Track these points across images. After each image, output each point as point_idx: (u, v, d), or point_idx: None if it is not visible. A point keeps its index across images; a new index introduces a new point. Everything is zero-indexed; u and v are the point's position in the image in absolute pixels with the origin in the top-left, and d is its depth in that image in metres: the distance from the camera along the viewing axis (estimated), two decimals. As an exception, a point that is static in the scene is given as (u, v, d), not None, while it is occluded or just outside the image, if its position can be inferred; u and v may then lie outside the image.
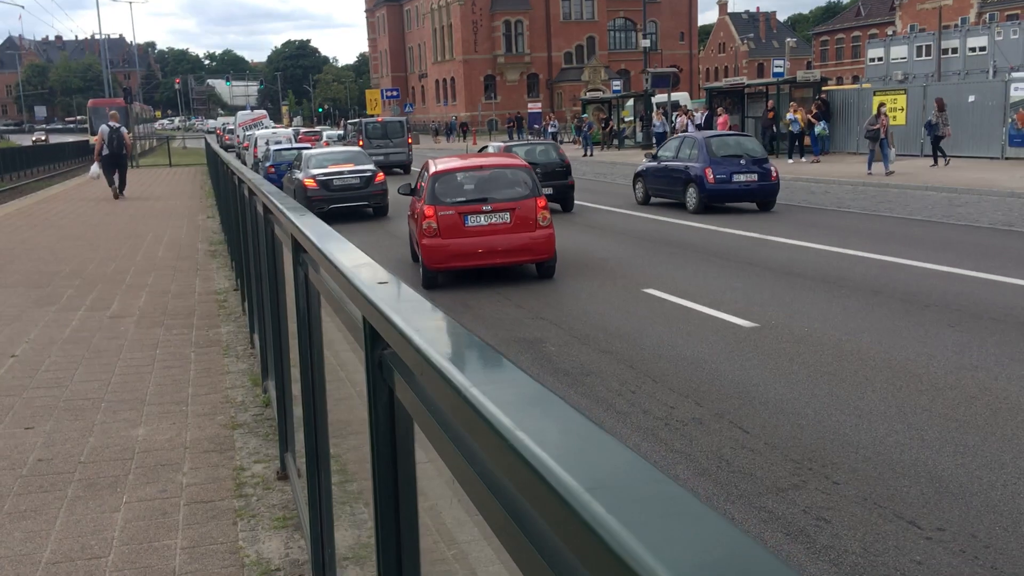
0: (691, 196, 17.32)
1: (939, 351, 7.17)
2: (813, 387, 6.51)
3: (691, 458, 5.34)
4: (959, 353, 7.09)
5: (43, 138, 79.39)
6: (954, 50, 51.08)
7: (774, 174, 17.05)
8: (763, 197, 17.19)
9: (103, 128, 22.34)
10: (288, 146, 28.27)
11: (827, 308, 8.83)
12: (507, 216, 10.91)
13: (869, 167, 22.27)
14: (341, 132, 47.34)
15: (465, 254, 10.87)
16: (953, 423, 5.68)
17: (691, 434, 5.72)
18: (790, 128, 27.29)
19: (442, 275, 11.26)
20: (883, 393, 6.31)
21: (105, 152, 21.88)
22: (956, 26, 57.66)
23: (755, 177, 16.90)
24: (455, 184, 11.18)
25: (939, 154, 23.27)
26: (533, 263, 11.28)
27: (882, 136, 21.85)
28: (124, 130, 23.01)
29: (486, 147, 20.10)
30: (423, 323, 1.31)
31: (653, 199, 19.25)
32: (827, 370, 6.89)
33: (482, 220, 10.88)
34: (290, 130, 41.89)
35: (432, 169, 11.45)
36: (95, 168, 22.53)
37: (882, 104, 23.94)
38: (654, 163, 19.16)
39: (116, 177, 22.23)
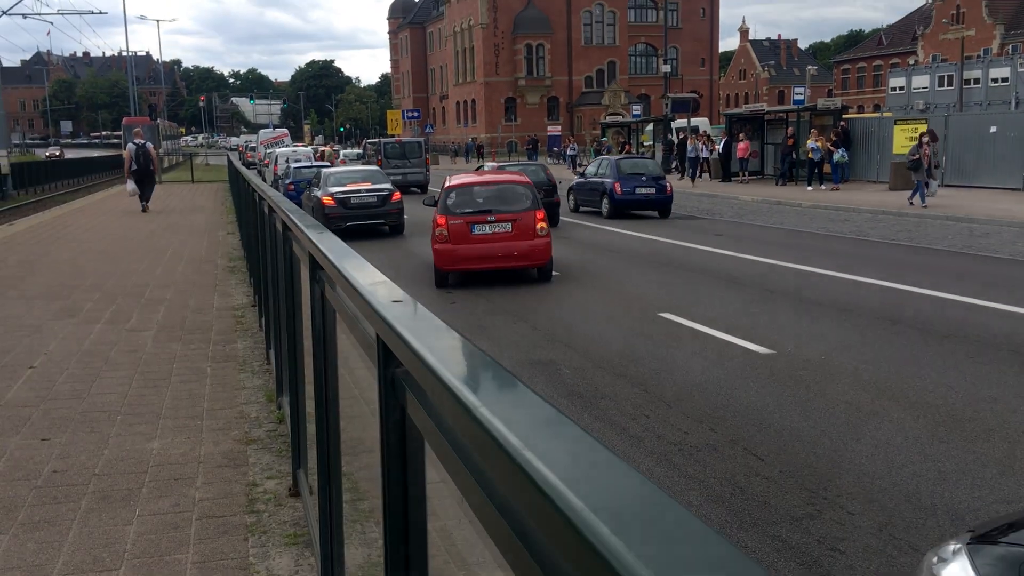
0: (605, 205, 21.87)
1: (957, 382, 7.10)
2: (829, 415, 6.46)
3: (704, 484, 5.31)
4: (977, 385, 7.02)
5: (57, 153, 74.11)
6: (976, 80, 50.92)
7: (668, 188, 21.73)
8: (660, 207, 21.67)
9: (130, 145, 23.29)
10: (307, 164, 28.99)
11: (844, 336, 8.77)
12: (509, 226, 12.44)
13: (912, 197, 21.10)
14: (359, 151, 47.93)
15: (471, 258, 12.42)
16: (971, 455, 5.62)
17: (705, 460, 5.68)
18: (810, 155, 27.23)
19: (452, 275, 12.80)
20: (900, 423, 6.25)
21: (133, 168, 22.76)
22: (979, 57, 57.52)
23: (653, 190, 21.50)
24: (464, 197, 12.75)
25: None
26: (531, 267, 12.73)
27: (925, 165, 20.82)
28: (150, 146, 23.87)
29: (482, 166, 22.00)
30: (436, 342, 1.32)
31: (581, 208, 23.37)
32: (844, 399, 6.84)
33: (487, 229, 12.45)
34: (309, 148, 42.72)
35: (446, 184, 13.12)
36: (131, 185, 23.40)
37: (924, 133, 22.46)
38: (582, 179, 23.73)
39: (143, 191, 23.09)
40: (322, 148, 51.17)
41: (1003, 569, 2.80)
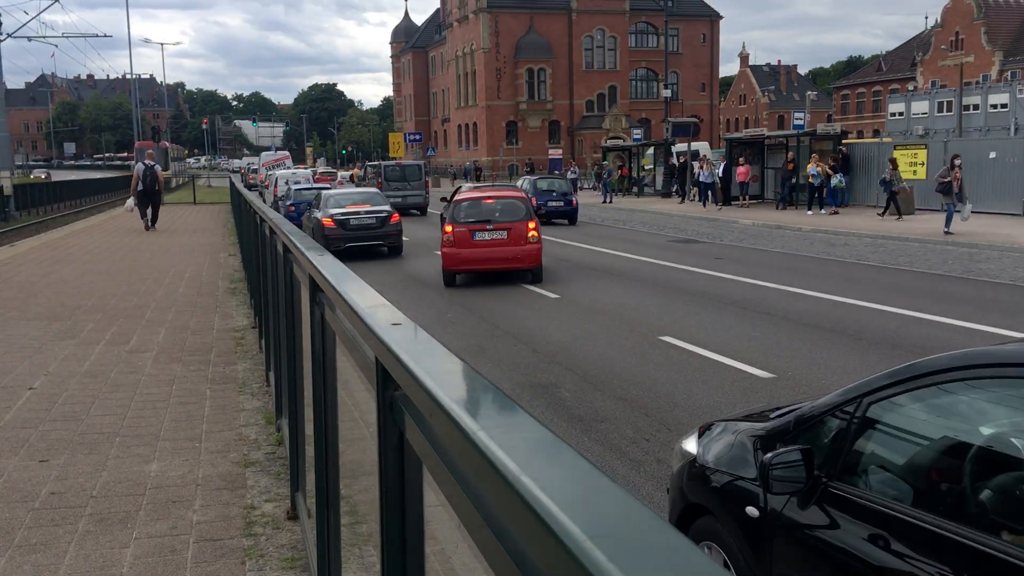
0: None
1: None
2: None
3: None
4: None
5: (42, 176, 70.42)
6: (975, 106, 51.16)
7: (574, 202, 28.84)
8: (568, 216, 28.42)
9: (139, 166, 23.96)
10: (307, 186, 29.65)
11: (845, 360, 8.76)
12: (505, 233, 14.83)
13: (947, 224, 20.19)
14: (360, 173, 48.50)
15: (473, 260, 14.84)
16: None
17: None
18: (811, 180, 27.33)
19: (459, 275, 15.18)
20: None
21: (140, 188, 23.56)
22: (978, 83, 57.83)
23: (561, 204, 28.42)
24: (469, 209, 15.23)
25: (893, 208, 24.49)
26: (523, 270, 14.92)
27: (955, 190, 20.04)
28: (158, 168, 24.51)
29: (460, 187, 23.20)
30: (435, 365, 1.32)
31: None
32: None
33: (486, 236, 14.85)
34: (308, 171, 43.84)
35: (454, 198, 16.18)
36: (130, 202, 24.64)
37: (956, 156, 21.35)
38: None
39: (149, 211, 23.85)
40: (353, 171, 52.21)
41: (715, 434, 3.86)
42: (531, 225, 14.89)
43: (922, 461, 2.92)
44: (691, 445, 3.98)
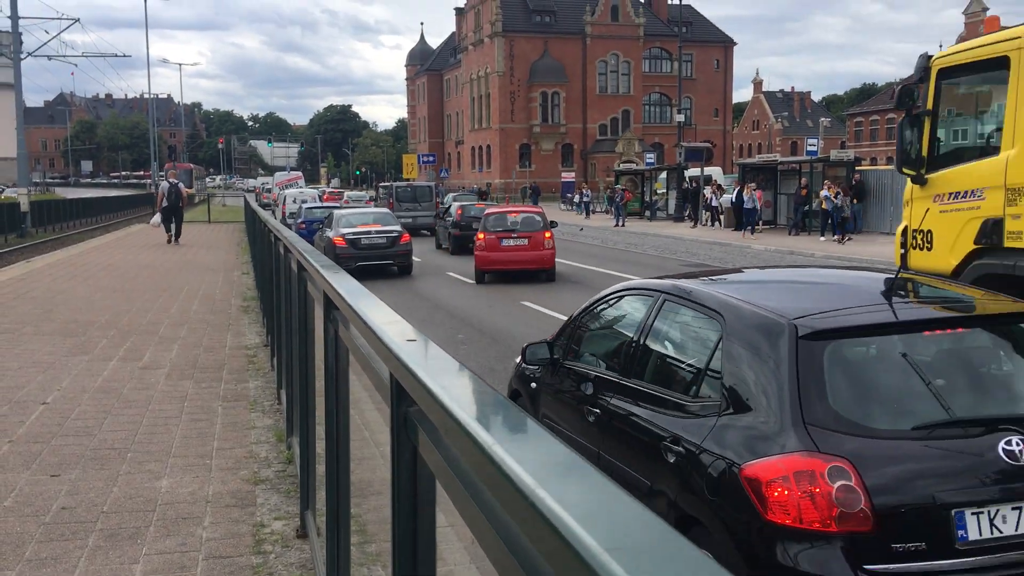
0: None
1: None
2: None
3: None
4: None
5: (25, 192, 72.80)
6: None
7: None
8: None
9: (163, 184, 26.49)
10: (318, 204, 30.89)
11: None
12: (526, 240, 18.46)
13: None
14: (369, 194, 49.62)
15: (499, 261, 18.42)
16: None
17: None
18: (824, 206, 27.29)
19: (488, 275, 18.57)
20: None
21: (165, 204, 25.65)
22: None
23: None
24: (497, 220, 19.03)
25: (840, 232, 25.94)
26: (540, 270, 18.36)
27: None
28: (181, 186, 26.69)
29: (451, 204, 27.55)
30: (449, 381, 1.33)
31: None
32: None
33: (511, 242, 18.48)
34: (315, 191, 46.64)
35: (485, 212, 20.50)
36: (156, 218, 26.56)
37: None
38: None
39: (173, 226, 25.61)
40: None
41: (531, 351, 5.37)
42: (547, 235, 18.47)
43: (603, 343, 5.18)
44: (519, 357, 5.75)
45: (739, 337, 3.76)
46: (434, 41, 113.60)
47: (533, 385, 5.62)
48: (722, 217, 34.35)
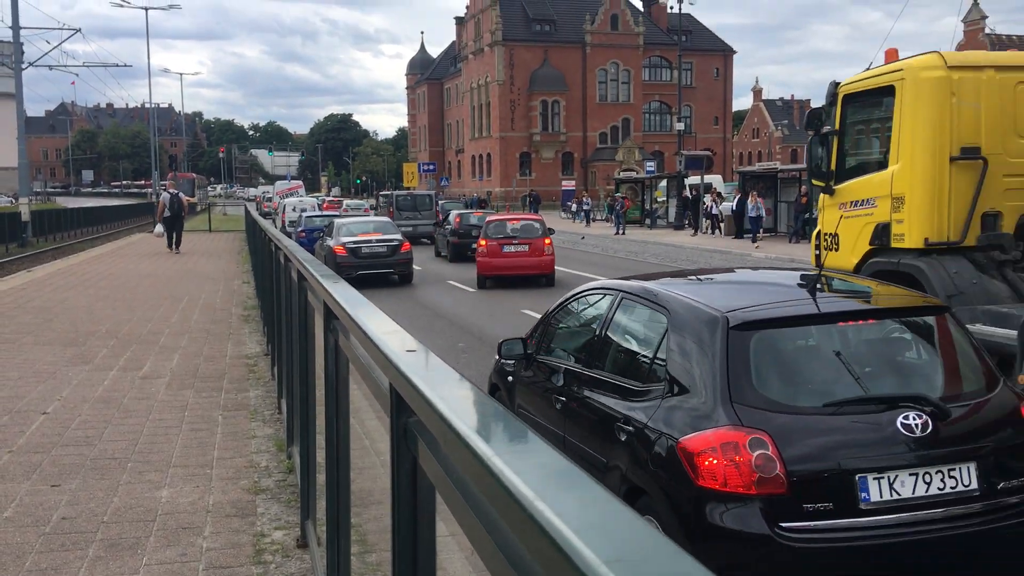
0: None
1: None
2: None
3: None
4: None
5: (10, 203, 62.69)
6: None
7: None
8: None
9: (164, 195, 27.07)
10: (318, 213, 31.41)
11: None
12: (526, 247, 19.06)
13: None
14: (369, 203, 49.99)
15: (501, 267, 18.97)
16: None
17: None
18: (824, 213, 27.30)
19: (489, 280, 19.11)
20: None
21: (167, 214, 26.05)
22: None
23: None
24: (498, 227, 19.68)
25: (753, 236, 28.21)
26: (540, 275, 18.93)
27: None
28: (182, 195, 27.49)
29: (450, 212, 28.29)
30: (449, 392, 1.33)
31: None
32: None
33: (512, 248, 19.07)
34: (314, 199, 47.34)
35: (486, 219, 21.15)
36: (159, 228, 27.13)
37: None
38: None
39: (174, 234, 26.11)
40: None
41: (506, 347, 5.85)
42: (547, 241, 19.20)
43: (569, 338, 5.65)
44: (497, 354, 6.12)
45: (681, 329, 4.28)
46: (434, 50, 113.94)
47: (510, 379, 6.11)
48: (722, 225, 34.37)
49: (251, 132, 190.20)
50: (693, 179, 40.49)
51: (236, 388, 8.46)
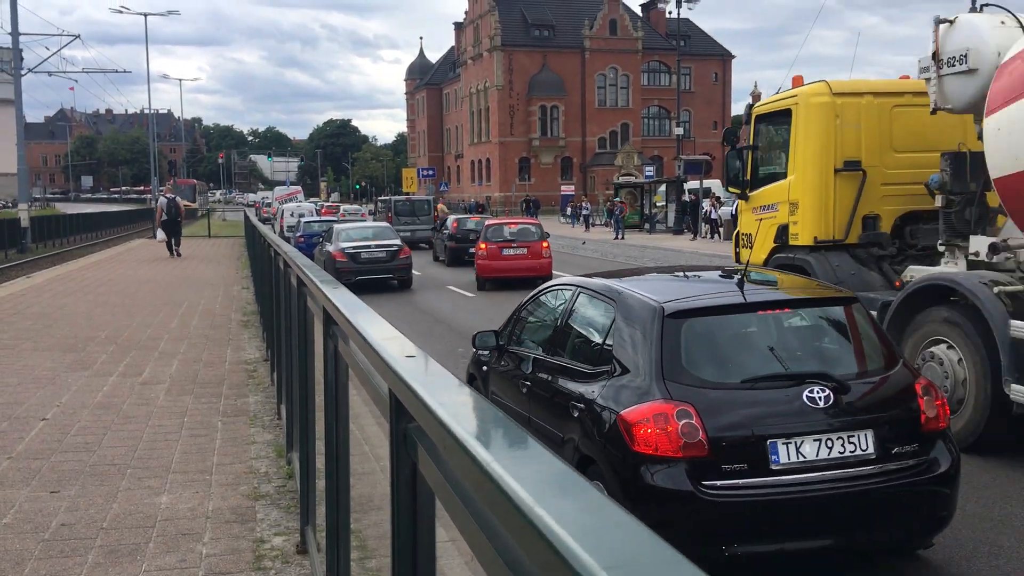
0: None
1: (972, 449, 7.00)
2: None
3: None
4: (989, 448, 6.92)
5: (8, 203, 61.83)
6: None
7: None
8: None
9: (162, 200, 27.52)
10: (315, 218, 31.75)
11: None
12: (525, 250, 19.67)
13: None
14: (368, 208, 50.24)
15: (500, 269, 19.44)
16: (988, 522, 5.52)
17: None
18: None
19: (488, 282, 19.61)
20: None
21: (164, 218, 26.59)
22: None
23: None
24: (497, 231, 20.28)
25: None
26: (538, 277, 18.43)
27: None
28: (179, 199, 28.14)
29: (448, 216, 28.27)
30: (449, 398, 1.33)
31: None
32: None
33: (511, 251, 19.64)
34: (311, 204, 47.93)
35: (485, 223, 21.89)
36: (160, 233, 27.51)
37: None
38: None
39: (172, 239, 26.55)
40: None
41: (480, 339, 6.56)
42: (544, 244, 19.95)
43: (535, 329, 6.25)
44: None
45: (625, 318, 4.93)
46: (433, 56, 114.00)
47: (484, 368, 6.73)
48: (721, 230, 34.38)
49: (250, 138, 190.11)
50: (692, 184, 40.51)
51: (236, 394, 8.45)
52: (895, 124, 9.16)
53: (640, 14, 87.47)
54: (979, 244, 7.81)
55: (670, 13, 59.50)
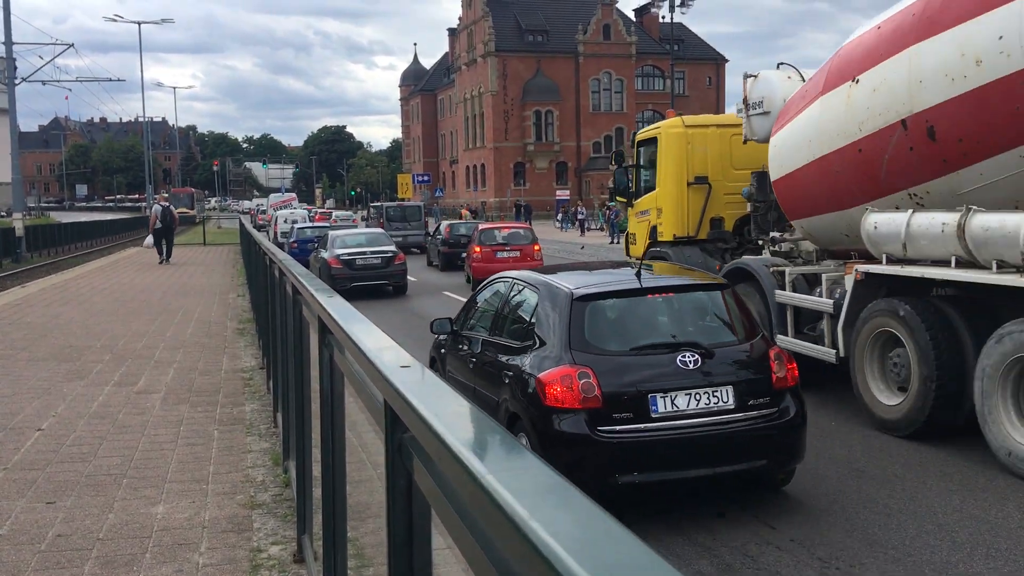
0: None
1: (970, 449, 7.02)
2: (840, 483, 6.38)
3: (714, 552, 5.23)
4: (990, 451, 6.93)
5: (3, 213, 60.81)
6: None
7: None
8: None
9: (156, 207, 27.74)
10: (309, 224, 32.46)
11: (854, 399, 8.69)
12: (518, 252, 20.81)
13: None
14: (360, 214, 50.52)
15: (493, 271, 22.21)
16: (985, 524, 5.53)
17: (714, 528, 5.60)
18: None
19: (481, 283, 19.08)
20: (912, 491, 6.17)
21: (158, 226, 26.88)
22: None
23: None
24: (489, 235, 21.59)
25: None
26: None
27: None
28: (172, 208, 28.36)
29: (441, 223, 28.83)
30: (444, 408, 1.33)
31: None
32: (855, 466, 6.76)
33: (504, 254, 20.66)
34: (304, 211, 48.89)
35: (479, 227, 23.09)
36: (149, 239, 27.95)
37: None
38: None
39: (164, 247, 26.98)
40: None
41: (437, 325, 7.63)
42: (536, 247, 21.38)
43: (481, 314, 7.23)
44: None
45: (545, 302, 6.14)
46: (427, 61, 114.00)
47: (443, 351, 7.77)
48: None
49: (245, 145, 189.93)
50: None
51: (231, 402, 8.44)
52: (733, 148, 11.80)
53: (634, 19, 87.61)
54: (771, 238, 10.49)
55: (663, 18, 59.67)
